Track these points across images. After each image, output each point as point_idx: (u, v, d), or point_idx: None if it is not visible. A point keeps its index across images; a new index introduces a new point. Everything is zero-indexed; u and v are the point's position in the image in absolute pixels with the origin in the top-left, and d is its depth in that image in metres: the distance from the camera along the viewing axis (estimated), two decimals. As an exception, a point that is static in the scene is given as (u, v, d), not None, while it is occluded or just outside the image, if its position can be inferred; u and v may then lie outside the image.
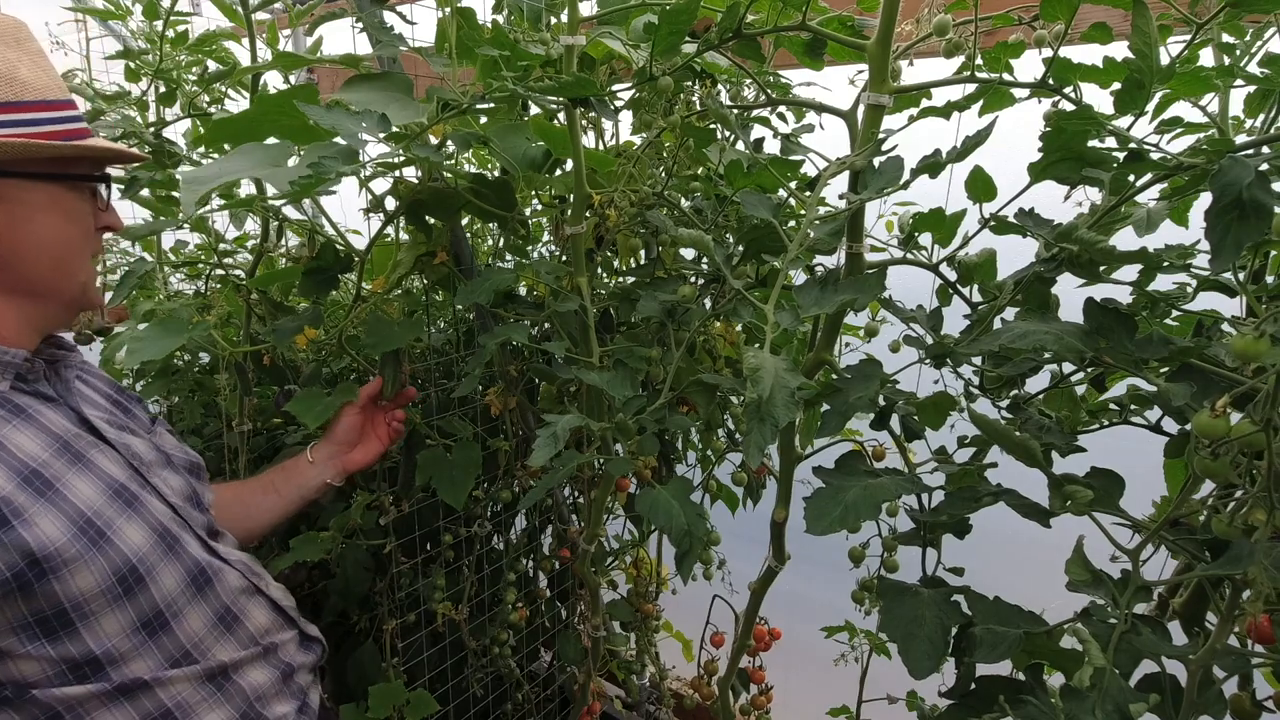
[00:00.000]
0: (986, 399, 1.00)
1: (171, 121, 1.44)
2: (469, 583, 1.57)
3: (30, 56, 0.82)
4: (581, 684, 1.62)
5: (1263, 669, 0.82)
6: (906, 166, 0.95)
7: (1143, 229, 0.88)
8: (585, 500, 1.63)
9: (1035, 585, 1.01)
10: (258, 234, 1.50)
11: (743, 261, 1.19)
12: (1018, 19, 0.98)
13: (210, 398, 1.66)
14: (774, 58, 1.23)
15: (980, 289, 1.03)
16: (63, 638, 0.79)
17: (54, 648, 0.78)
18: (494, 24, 1.24)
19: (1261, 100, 0.97)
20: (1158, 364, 0.87)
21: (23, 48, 0.82)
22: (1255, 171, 0.70)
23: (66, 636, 0.79)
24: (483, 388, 1.51)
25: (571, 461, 1.05)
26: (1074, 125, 0.87)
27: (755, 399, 0.76)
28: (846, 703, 1.39)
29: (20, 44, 0.82)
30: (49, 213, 0.84)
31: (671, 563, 0.98)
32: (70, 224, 0.86)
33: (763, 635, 1.41)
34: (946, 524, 0.97)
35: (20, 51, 0.81)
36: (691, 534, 0.96)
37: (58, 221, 0.85)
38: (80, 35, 1.62)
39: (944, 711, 0.92)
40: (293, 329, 1.27)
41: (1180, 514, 0.87)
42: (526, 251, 1.57)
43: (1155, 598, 0.97)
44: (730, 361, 1.42)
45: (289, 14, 1.38)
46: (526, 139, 1.22)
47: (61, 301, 0.88)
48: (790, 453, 1.18)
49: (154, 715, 0.84)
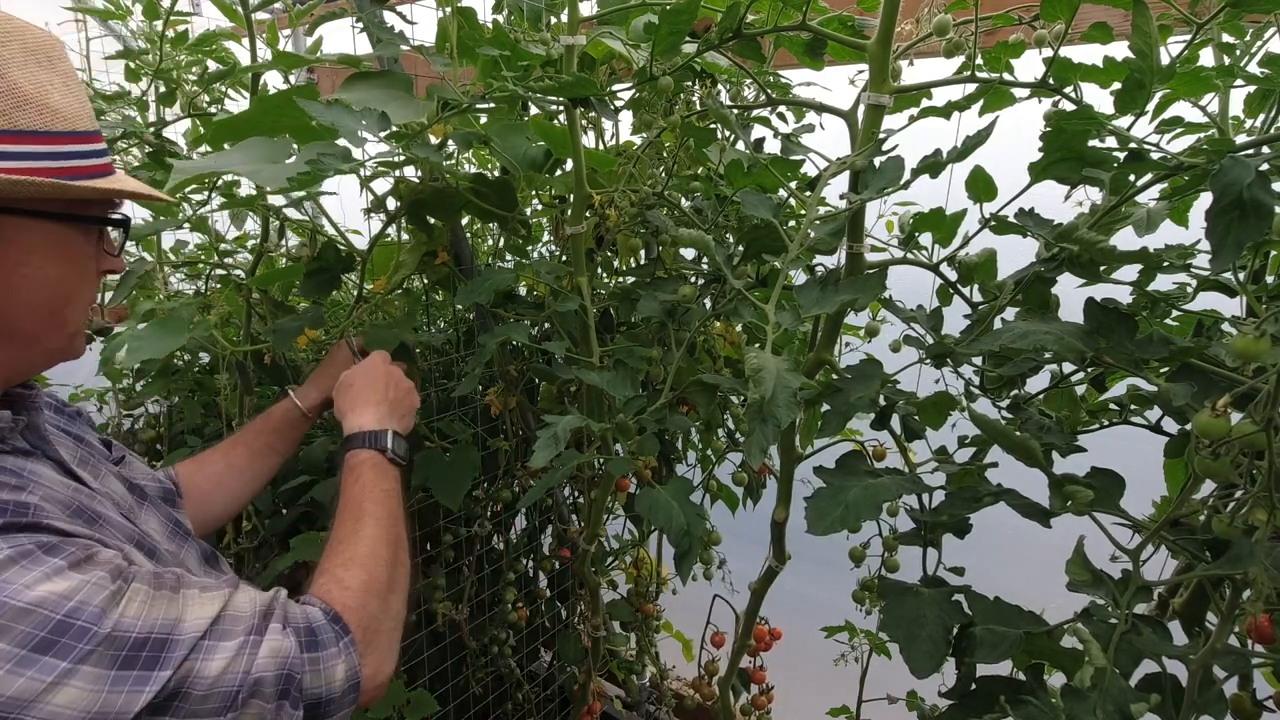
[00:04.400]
0: (987, 399, 1.00)
1: (171, 121, 1.44)
2: (469, 583, 1.57)
3: (62, 78, 0.72)
4: (581, 684, 1.62)
5: (1263, 669, 0.82)
6: (907, 166, 0.95)
7: (1143, 229, 0.88)
8: (585, 500, 1.63)
9: (1035, 585, 1.01)
10: (258, 234, 1.50)
11: (743, 261, 1.19)
12: (1018, 19, 0.98)
13: (210, 398, 1.66)
14: (774, 58, 1.23)
15: (980, 289, 1.03)
16: None
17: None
18: (494, 24, 1.24)
19: (1261, 100, 0.97)
20: (1158, 364, 0.87)
21: (55, 68, 0.72)
22: (1255, 171, 0.71)
23: None
24: (483, 388, 1.51)
25: (571, 461, 1.05)
26: (1074, 125, 0.87)
27: (757, 399, 0.76)
28: (846, 703, 1.39)
29: (53, 64, 0.72)
30: (48, 255, 0.72)
31: (671, 563, 0.98)
32: (71, 268, 0.75)
33: (763, 635, 1.41)
34: (947, 524, 0.97)
35: (53, 73, 0.71)
36: (691, 534, 0.96)
37: (57, 265, 0.73)
38: (80, 35, 1.62)
39: (944, 711, 0.92)
40: (294, 329, 1.27)
41: (1180, 514, 0.87)
42: (526, 251, 1.57)
43: (1155, 598, 0.97)
44: (730, 361, 1.42)
45: (289, 14, 1.38)
46: (527, 139, 1.22)
47: (44, 351, 0.76)
48: (791, 453, 1.18)
49: None
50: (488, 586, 1.64)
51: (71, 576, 0.62)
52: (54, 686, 0.58)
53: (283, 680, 0.69)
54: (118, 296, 1.49)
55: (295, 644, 0.71)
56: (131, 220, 0.82)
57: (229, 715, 0.66)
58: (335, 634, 0.75)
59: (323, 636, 0.74)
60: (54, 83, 0.71)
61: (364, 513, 0.90)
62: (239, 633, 0.69)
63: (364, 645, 0.77)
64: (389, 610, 0.83)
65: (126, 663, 0.62)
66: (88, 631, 0.60)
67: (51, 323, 0.75)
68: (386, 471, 0.97)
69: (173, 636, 0.65)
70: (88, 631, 0.60)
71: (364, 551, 0.85)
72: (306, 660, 0.72)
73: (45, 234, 0.72)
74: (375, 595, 0.82)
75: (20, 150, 0.67)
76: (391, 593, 0.84)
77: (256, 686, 0.67)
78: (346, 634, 0.76)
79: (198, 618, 0.67)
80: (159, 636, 0.64)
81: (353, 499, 0.93)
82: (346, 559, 0.84)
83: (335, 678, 0.74)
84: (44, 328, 0.74)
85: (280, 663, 0.69)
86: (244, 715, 0.67)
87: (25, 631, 0.58)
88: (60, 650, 0.59)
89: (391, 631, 0.83)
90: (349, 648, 0.75)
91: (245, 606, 0.71)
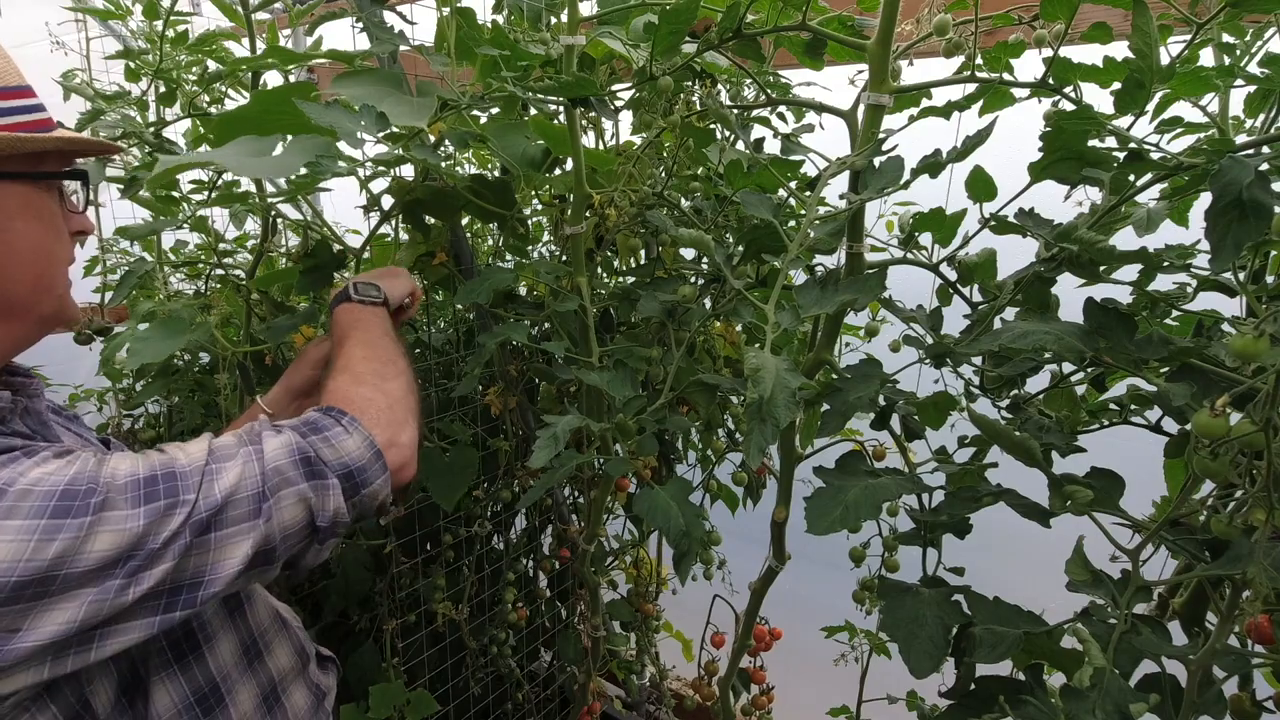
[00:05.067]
0: (986, 399, 1.00)
1: (171, 121, 1.44)
2: (469, 583, 1.57)
3: None
4: (581, 684, 1.62)
5: (1263, 669, 0.82)
6: (906, 166, 0.95)
7: (1143, 229, 0.88)
8: (585, 500, 1.63)
9: (1035, 585, 1.01)
10: (258, 234, 1.50)
11: (743, 261, 1.19)
12: (1018, 19, 0.98)
13: (210, 398, 1.66)
14: (774, 58, 1.23)
15: (980, 289, 1.03)
16: (191, 663, 0.77)
17: (184, 674, 0.77)
18: (494, 24, 1.24)
19: (1261, 100, 0.97)
20: (1158, 364, 0.87)
21: None
22: (1255, 171, 0.71)
23: (194, 661, 0.77)
24: (483, 387, 1.51)
25: (571, 462, 1.05)
26: (1074, 125, 0.87)
27: (756, 399, 0.76)
28: (846, 703, 1.39)
29: None
30: (22, 218, 0.72)
31: (671, 563, 0.98)
32: (46, 229, 0.75)
33: (763, 635, 1.41)
34: (947, 524, 0.97)
35: None
36: (690, 535, 0.96)
37: (33, 227, 0.73)
38: (80, 35, 1.62)
39: (944, 711, 0.92)
40: (288, 327, 1.27)
41: (1180, 514, 0.87)
42: (526, 251, 1.57)
43: (1155, 598, 0.97)
44: (730, 361, 1.42)
45: (289, 14, 1.38)
46: (526, 138, 1.22)
47: (38, 318, 0.76)
48: (791, 453, 1.18)
49: None
50: (488, 586, 1.64)
51: (56, 461, 0.64)
52: (89, 537, 0.60)
53: (301, 462, 0.71)
54: (118, 296, 1.49)
55: (296, 435, 0.73)
56: (89, 174, 0.82)
57: (265, 508, 0.68)
58: (333, 417, 0.77)
59: (320, 421, 0.76)
60: None
61: (342, 343, 0.92)
62: (235, 452, 0.70)
63: (368, 420, 0.78)
64: (384, 391, 0.84)
65: (148, 498, 0.63)
66: (93, 489, 0.62)
67: (39, 286, 0.75)
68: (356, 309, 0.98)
69: (174, 469, 0.66)
70: (93, 489, 0.62)
71: (343, 362, 0.88)
72: (314, 441, 0.73)
73: (18, 196, 0.72)
74: (362, 382, 0.84)
75: None
76: (384, 380, 0.86)
77: (278, 475, 0.70)
78: (344, 415, 0.77)
79: (192, 455, 0.69)
80: (164, 473, 0.66)
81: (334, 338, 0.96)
82: (330, 375, 0.87)
83: (351, 447, 0.75)
84: (34, 293, 0.74)
85: (289, 450, 0.71)
86: (282, 505, 0.69)
87: (37, 505, 0.60)
88: (76, 510, 0.61)
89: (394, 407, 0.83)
90: (352, 423, 0.77)
91: (229, 438, 0.73)
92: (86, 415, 1.86)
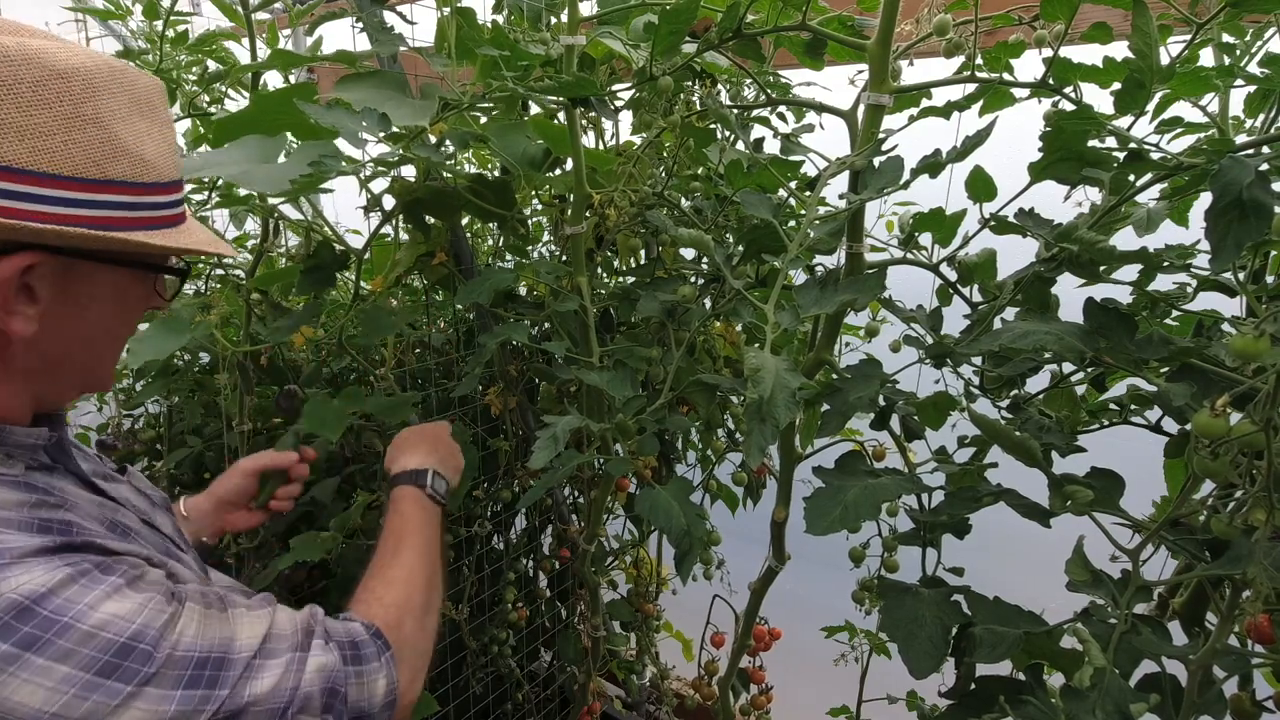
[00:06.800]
0: (986, 399, 1.00)
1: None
2: (469, 583, 1.57)
3: (160, 127, 0.71)
4: (581, 684, 1.62)
5: (1263, 669, 0.82)
6: (906, 166, 0.95)
7: (1143, 229, 0.88)
8: (585, 500, 1.63)
9: (1035, 585, 1.01)
10: (258, 234, 1.50)
11: (743, 261, 1.19)
12: (1018, 19, 0.98)
13: (210, 398, 1.66)
14: (774, 58, 1.23)
15: (980, 289, 1.03)
16: None
17: None
18: (494, 24, 1.24)
19: (1261, 100, 0.97)
20: (1158, 364, 0.87)
21: (155, 117, 0.71)
22: (1255, 171, 0.71)
23: None
24: (483, 387, 1.51)
25: (571, 462, 1.05)
26: (1074, 125, 0.87)
27: (756, 399, 0.76)
28: (846, 703, 1.39)
29: (155, 112, 0.71)
30: (107, 302, 0.72)
31: (671, 563, 0.98)
32: (123, 315, 0.75)
33: (763, 635, 1.41)
34: (946, 524, 0.97)
35: (153, 121, 0.70)
36: (691, 534, 0.96)
37: (110, 311, 0.73)
38: (80, 35, 1.62)
39: (944, 711, 0.92)
40: (288, 327, 1.27)
41: (1180, 514, 0.87)
42: (526, 251, 1.57)
43: (1155, 598, 0.97)
44: (730, 361, 1.42)
45: (289, 14, 1.38)
46: (526, 137, 1.22)
47: (81, 384, 0.77)
48: (790, 453, 1.18)
49: None
50: (488, 586, 1.64)
51: (131, 595, 0.63)
52: (120, 709, 0.59)
53: (328, 694, 0.71)
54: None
55: (339, 658, 0.73)
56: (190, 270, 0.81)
57: None
58: (377, 648, 0.77)
59: (365, 650, 0.76)
60: (151, 132, 0.70)
61: (403, 541, 0.93)
62: (284, 650, 0.70)
63: (401, 662, 0.79)
64: (424, 629, 0.85)
65: (190, 682, 0.63)
66: (151, 655, 0.61)
67: (90, 363, 0.75)
68: (426, 506, 1.00)
69: (228, 656, 0.66)
70: (151, 655, 0.61)
71: (402, 574, 0.88)
72: (351, 674, 0.73)
73: (111, 284, 0.72)
74: (412, 614, 0.84)
75: (106, 199, 0.67)
76: (427, 614, 0.87)
77: (305, 701, 0.69)
78: (388, 648, 0.78)
79: (249, 637, 0.69)
80: (216, 656, 0.65)
81: (393, 529, 0.96)
82: (386, 579, 0.87)
83: (377, 690, 0.75)
84: (91, 364, 0.75)
85: (326, 676, 0.71)
86: None
87: (91, 655, 0.59)
88: (124, 674, 0.60)
89: (424, 653, 0.85)
90: (390, 661, 0.77)
91: (287, 625, 0.73)
92: (86, 415, 1.87)
